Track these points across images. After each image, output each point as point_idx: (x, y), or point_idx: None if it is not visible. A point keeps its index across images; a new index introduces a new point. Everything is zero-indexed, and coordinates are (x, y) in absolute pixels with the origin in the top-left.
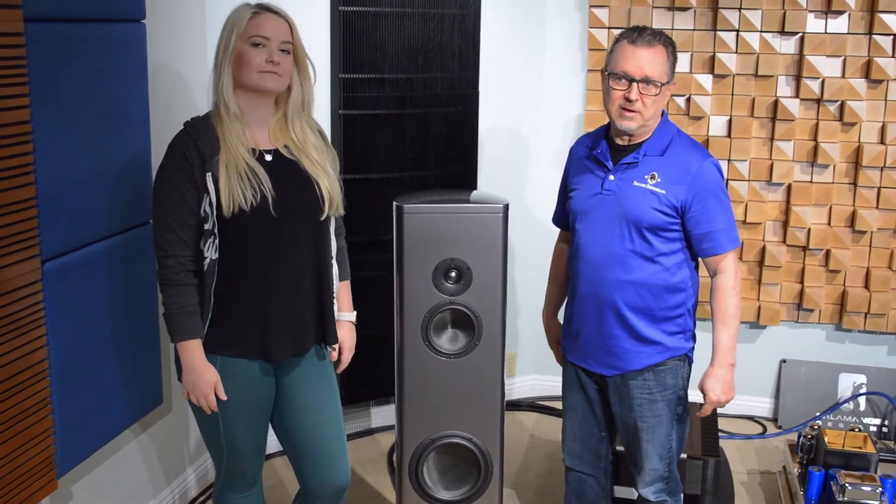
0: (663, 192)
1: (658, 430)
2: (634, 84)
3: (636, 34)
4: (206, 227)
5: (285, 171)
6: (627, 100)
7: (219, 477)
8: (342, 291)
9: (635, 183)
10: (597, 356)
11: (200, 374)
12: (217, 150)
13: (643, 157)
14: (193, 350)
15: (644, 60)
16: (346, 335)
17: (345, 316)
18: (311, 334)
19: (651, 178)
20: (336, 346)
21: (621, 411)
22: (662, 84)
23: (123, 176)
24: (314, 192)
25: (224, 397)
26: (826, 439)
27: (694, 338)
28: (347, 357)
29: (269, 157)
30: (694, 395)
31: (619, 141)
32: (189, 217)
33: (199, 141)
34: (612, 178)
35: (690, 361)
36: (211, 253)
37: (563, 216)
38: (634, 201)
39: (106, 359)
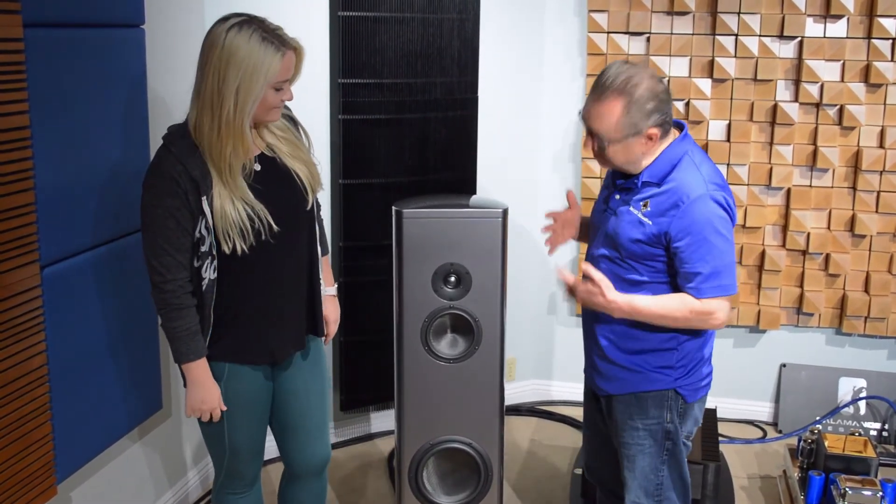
0: (650, 222)
1: (639, 460)
2: (591, 136)
3: (595, 84)
4: (203, 248)
5: (273, 174)
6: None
7: (218, 477)
8: (323, 266)
9: (631, 209)
10: (592, 373)
11: (209, 390)
12: (206, 174)
13: (641, 183)
14: (200, 368)
15: (591, 115)
16: (331, 309)
17: (328, 290)
18: (305, 327)
19: (644, 206)
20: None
21: (610, 434)
22: (608, 142)
23: (122, 181)
24: (298, 186)
25: (224, 407)
26: (826, 443)
27: (689, 375)
28: (334, 329)
29: (258, 167)
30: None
31: None
32: (185, 240)
33: (187, 165)
34: (617, 196)
35: (686, 400)
36: (209, 273)
37: None
38: (623, 227)
39: (105, 364)
